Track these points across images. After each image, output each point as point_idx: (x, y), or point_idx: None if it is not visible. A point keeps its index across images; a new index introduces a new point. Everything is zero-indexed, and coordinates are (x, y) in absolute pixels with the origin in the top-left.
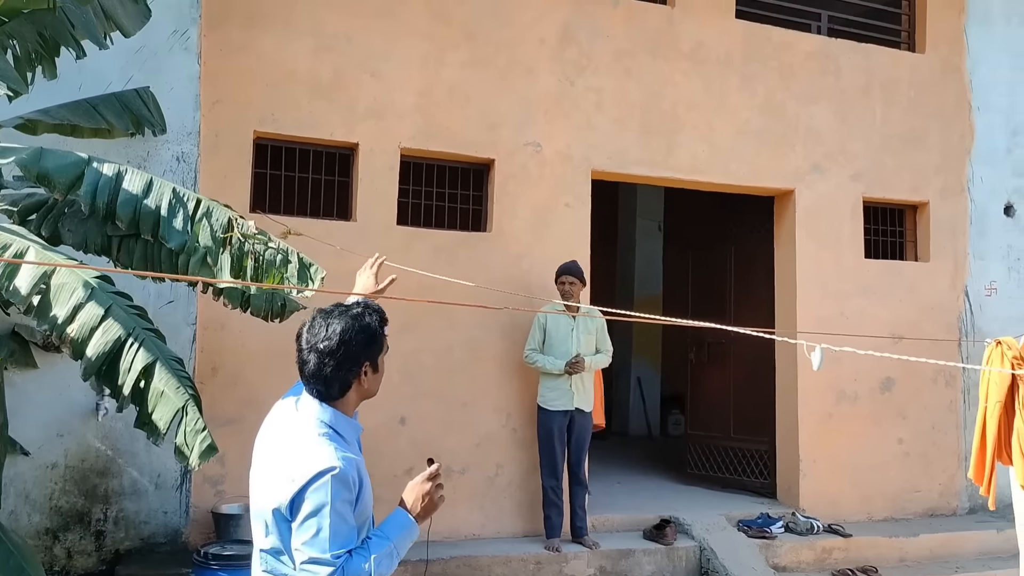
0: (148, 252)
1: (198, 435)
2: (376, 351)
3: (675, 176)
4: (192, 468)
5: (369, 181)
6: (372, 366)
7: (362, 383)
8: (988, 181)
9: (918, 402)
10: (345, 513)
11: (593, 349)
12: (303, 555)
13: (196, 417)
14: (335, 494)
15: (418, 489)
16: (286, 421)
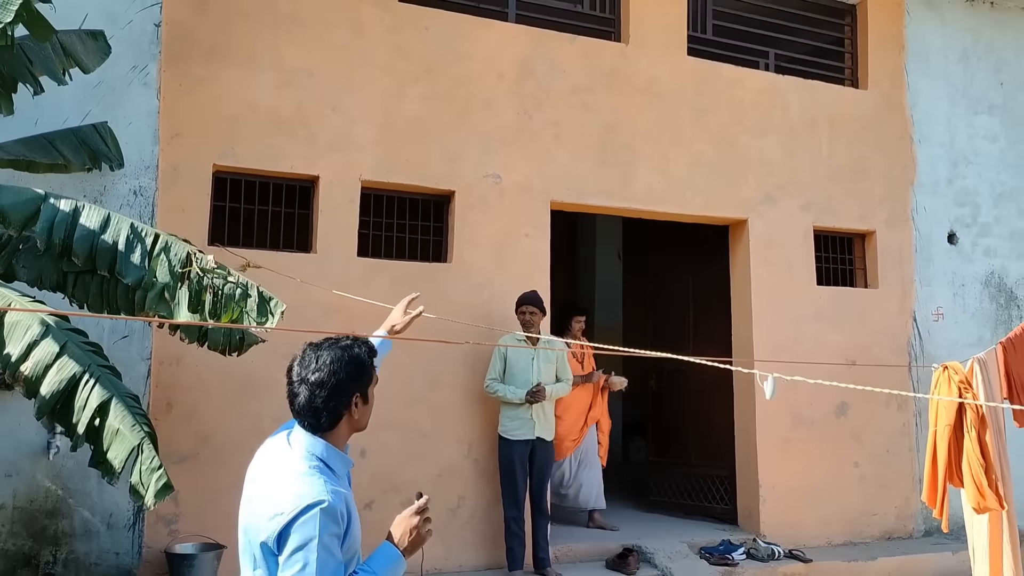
0: (104, 288)
1: (153, 474)
2: (366, 382)
3: (632, 206)
4: (147, 507)
5: (330, 213)
6: (363, 397)
7: (353, 415)
8: (931, 210)
9: (872, 426)
10: (332, 547)
11: (554, 378)
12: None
13: (152, 455)
14: (323, 528)
15: (406, 523)
16: (277, 455)
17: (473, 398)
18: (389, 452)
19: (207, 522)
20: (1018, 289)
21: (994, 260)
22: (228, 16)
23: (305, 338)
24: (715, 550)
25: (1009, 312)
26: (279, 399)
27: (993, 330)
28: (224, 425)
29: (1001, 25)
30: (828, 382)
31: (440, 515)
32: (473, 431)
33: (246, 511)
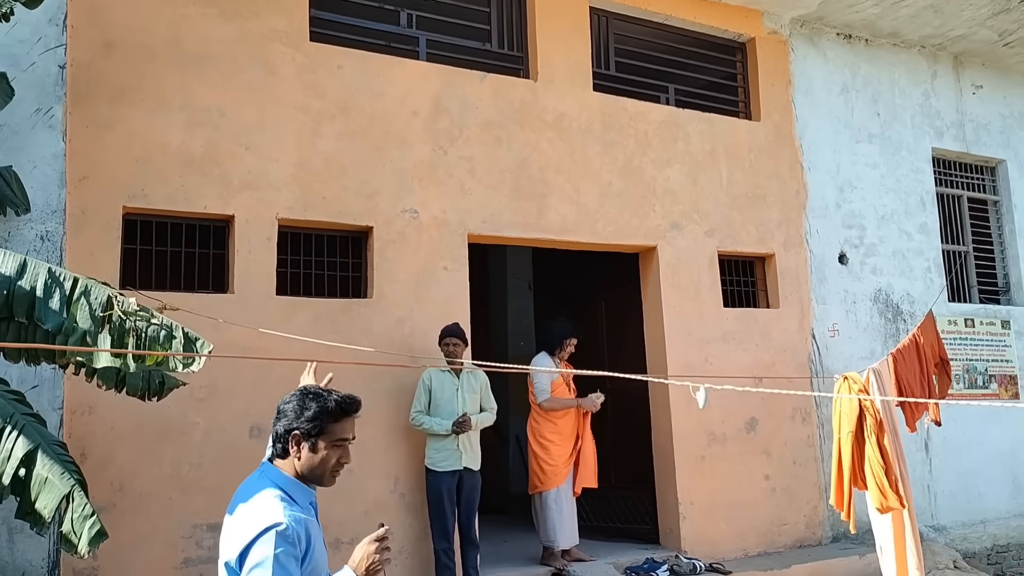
0: (23, 335)
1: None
2: (305, 426)
3: (547, 237)
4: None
5: (247, 253)
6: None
7: (293, 453)
8: (823, 233)
9: (779, 439)
10: (288, 566)
11: (478, 408)
12: None
13: (84, 502)
14: (278, 546)
15: (364, 550)
16: (250, 486)
17: (398, 432)
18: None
19: (128, 574)
20: (903, 304)
21: (881, 278)
22: (135, 57)
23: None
24: (640, 568)
25: (896, 326)
26: (197, 444)
27: (883, 343)
28: (141, 473)
29: (876, 60)
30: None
31: None
32: (399, 465)
33: (222, 537)
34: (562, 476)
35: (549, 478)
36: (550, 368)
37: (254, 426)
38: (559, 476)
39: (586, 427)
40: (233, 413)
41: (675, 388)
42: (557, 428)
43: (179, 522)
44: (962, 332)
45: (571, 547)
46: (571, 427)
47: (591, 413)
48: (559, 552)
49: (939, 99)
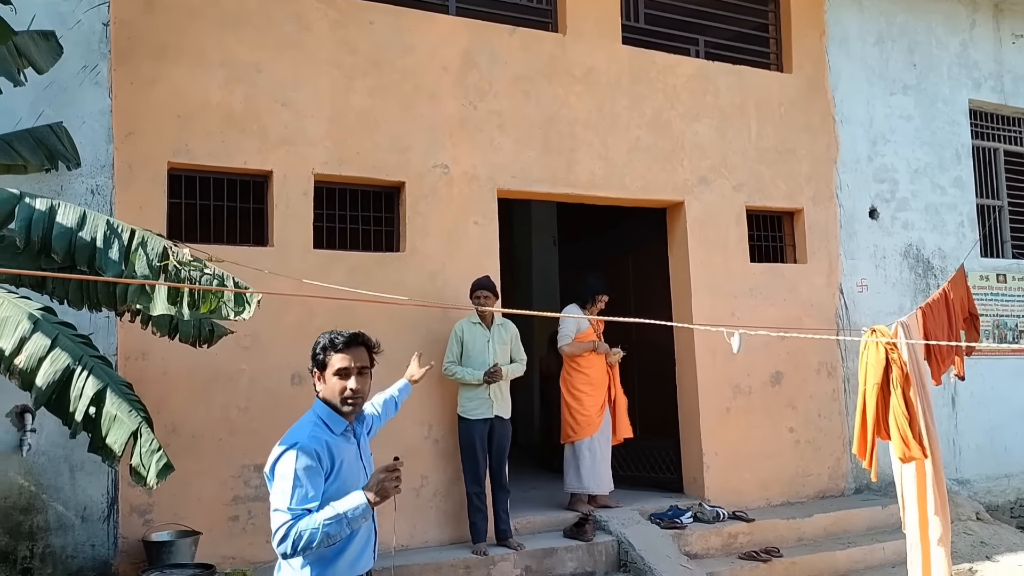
0: (84, 283)
1: (153, 455)
2: (318, 364)
3: (575, 192)
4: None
5: (284, 207)
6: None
7: (316, 387)
8: (853, 187)
9: (805, 393)
10: (304, 479)
11: (508, 359)
12: (271, 506)
13: (151, 438)
14: (297, 462)
15: (376, 477)
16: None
17: (431, 381)
18: None
19: (181, 510)
20: (934, 259)
21: (912, 233)
22: (175, 14)
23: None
24: (664, 515)
25: (927, 281)
26: (244, 389)
27: (912, 298)
28: (192, 416)
29: (913, 8)
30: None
31: (404, 494)
32: (432, 413)
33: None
34: (595, 426)
35: (582, 427)
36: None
37: (295, 374)
38: (592, 426)
39: (616, 379)
40: (276, 361)
41: (700, 342)
42: (589, 379)
43: (228, 462)
44: (993, 288)
45: (603, 493)
46: (602, 378)
47: (618, 366)
48: (586, 498)
49: (977, 49)
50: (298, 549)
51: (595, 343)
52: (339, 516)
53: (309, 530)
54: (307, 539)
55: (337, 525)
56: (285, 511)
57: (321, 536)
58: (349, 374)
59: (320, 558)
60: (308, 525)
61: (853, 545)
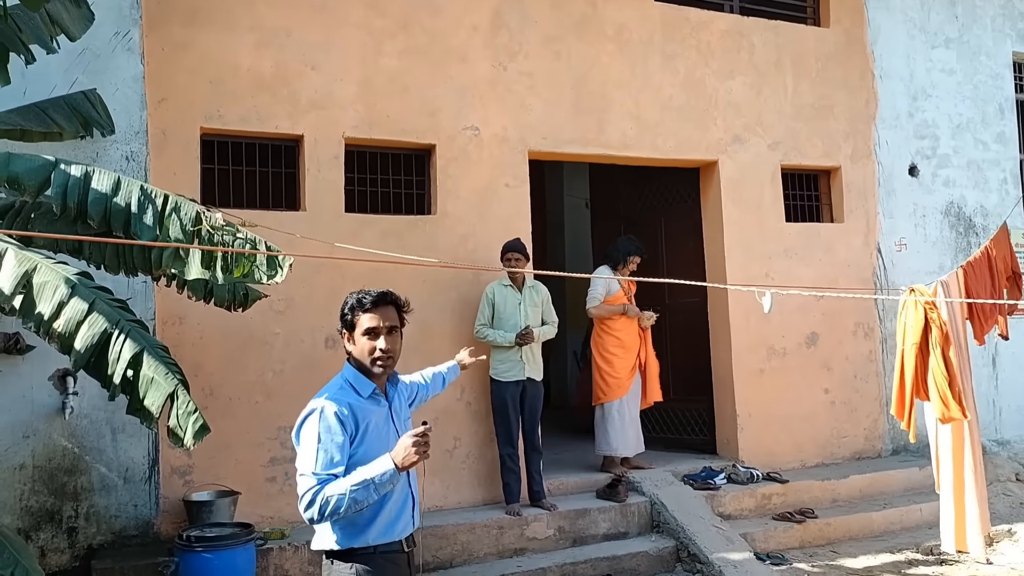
0: (120, 249)
1: (190, 416)
2: (347, 324)
3: (607, 153)
4: (188, 447)
5: (316, 171)
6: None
7: (346, 349)
8: (893, 144)
9: (840, 354)
10: (328, 444)
11: (540, 321)
12: (297, 472)
13: (187, 400)
14: (321, 427)
15: (404, 442)
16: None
17: (463, 344)
18: None
19: (220, 471)
20: (976, 217)
21: (953, 190)
22: None
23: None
24: (698, 476)
25: (968, 240)
26: (279, 353)
27: (953, 257)
28: (229, 379)
29: None
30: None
31: (437, 456)
32: (465, 376)
33: None
34: (625, 387)
35: (612, 389)
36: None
37: (328, 337)
38: (622, 388)
39: (648, 343)
40: (309, 325)
41: (734, 304)
42: (620, 342)
43: (265, 424)
44: None
45: (633, 455)
46: (632, 340)
47: (650, 330)
48: (619, 460)
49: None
50: (324, 515)
51: (625, 306)
52: (366, 482)
53: (336, 496)
54: (334, 505)
55: (364, 491)
56: (311, 475)
57: (348, 502)
58: (378, 333)
59: (351, 523)
60: (335, 491)
61: (889, 506)
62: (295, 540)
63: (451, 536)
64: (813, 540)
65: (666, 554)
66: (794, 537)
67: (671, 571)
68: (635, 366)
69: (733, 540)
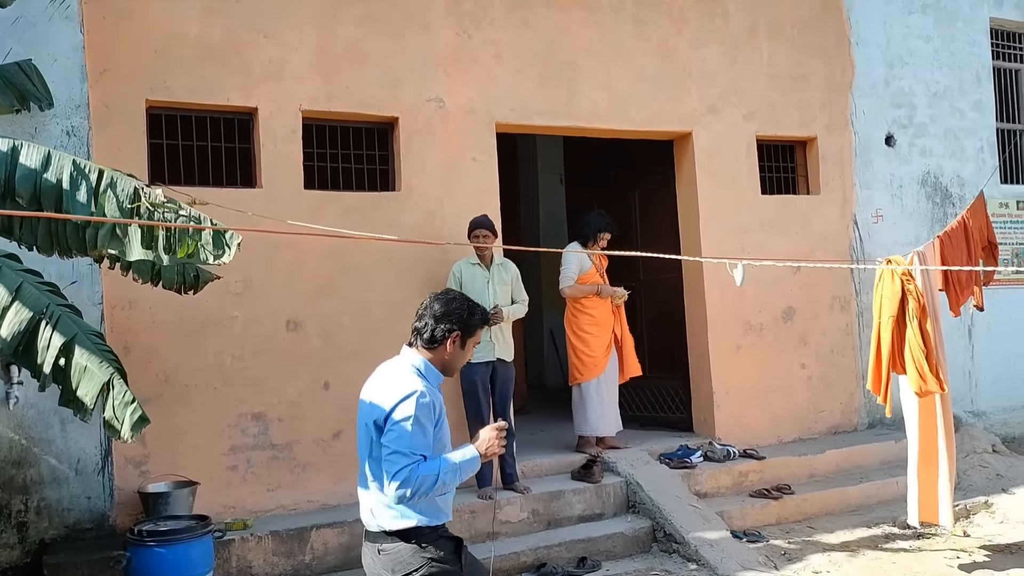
0: (52, 228)
1: (127, 407)
2: (469, 331)
3: (577, 124)
4: (125, 440)
5: (272, 146)
6: (461, 340)
7: (447, 348)
8: (869, 113)
9: (817, 328)
10: (425, 426)
11: (509, 299)
12: (389, 449)
13: (124, 390)
14: (418, 409)
15: (487, 433)
16: (390, 365)
17: None
18: (353, 383)
19: (177, 461)
20: (952, 187)
21: (930, 160)
22: None
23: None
24: (674, 455)
25: (944, 210)
26: (237, 337)
27: (930, 228)
28: (185, 365)
29: None
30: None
31: None
32: None
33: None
34: (601, 366)
35: (588, 369)
36: (580, 258)
37: (290, 319)
38: (598, 366)
39: (622, 319)
40: (269, 307)
41: (710, 279)
42: (594, 320)
43: (225, 411)
44: (1013, 215)
45: (611, 435)
46: (607, 318)
47: (623, 305)
48: (594, 440)
49: None
50: (416, 494)
51: (599, 287)
52: (455, 466)
53: (431, 476)
54: (427, 485)
55: (452, 475)
56: (407, 453)
57: (439, 484)
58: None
59: (431, 503)
60: (430, 472)
61: (866, 480)
62: (258, 531)
63: None
64: (790, 516)
65: (642, 534)
66: (771, 514)
67: (647, 551)
68: (610, 343)
69: (709, 519)
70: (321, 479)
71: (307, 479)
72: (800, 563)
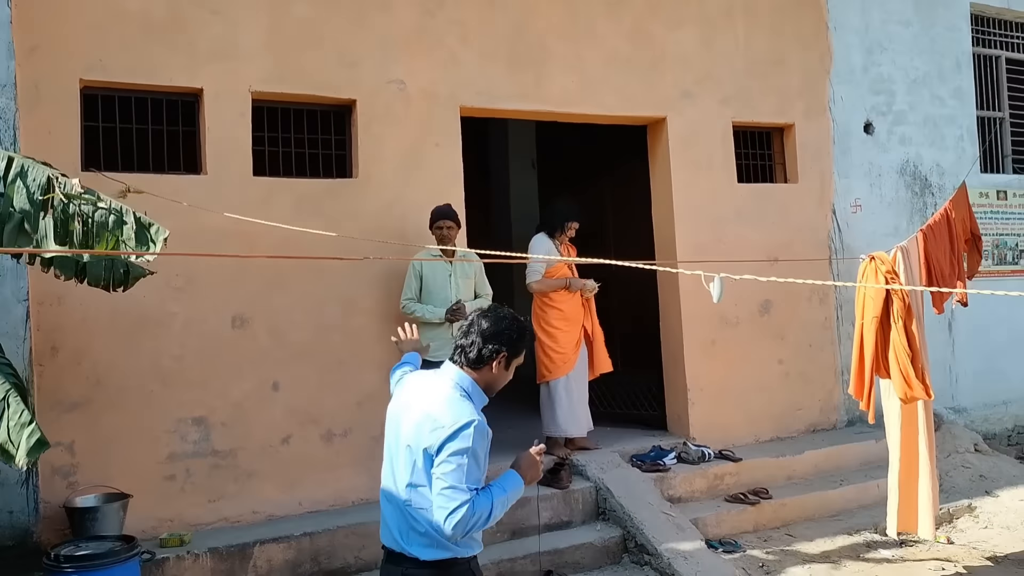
0: None
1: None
2: (515, 351)
3: (546, 109)
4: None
5: (218, 129)
6: (507, 359)
7: (492, 368)
8: (848, 100)
9: (795, 322)
10: (479, 458)
11: (472, 294)
12: (443, 483)
13: (20, 408)
14: (475, 442)
15: (529, 459)
16: (428, 383)
17: (390, 321)
18: (304, 384)
19: (109, 471)
20: (932, 176)
21: (909, 148)
22: None
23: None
24: (646, 457)
25: (924, 200)
26: (177, 335)
27: (909, 219)
28: (119, 366)
29: None
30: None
31: (363, 444)
32: (392, 355)
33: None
34: (571, 363)
35: (557, 366)
36: (548, 250)
37: (236, 316)
38: (568, 363)
39: (592, 313)
40: (213, 302)
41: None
42: (563, 314)
43: (162, 416)
44: (993, 205)
45: (582, 435)
46: (576, 312)
47: (593, 299)
48: (562, 441)
49: None
50: (470, 529)
51: (568, 281)
52: (505, 500)
53: (486, 512)
54: (482, 521)
55: (502, 508)
56: (465, 490)
57: (491, 518)
58: None
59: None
60: (484, 507)
61: (846, 483)
62: (195, 548)
63: (375, 535)
64: (767, 522)
65: (612, 544)
66: (747, 520)
67: (617, 563)
68: (580, 339)
69: (683, 528)
70: (268, 488)
71: (252, 488)
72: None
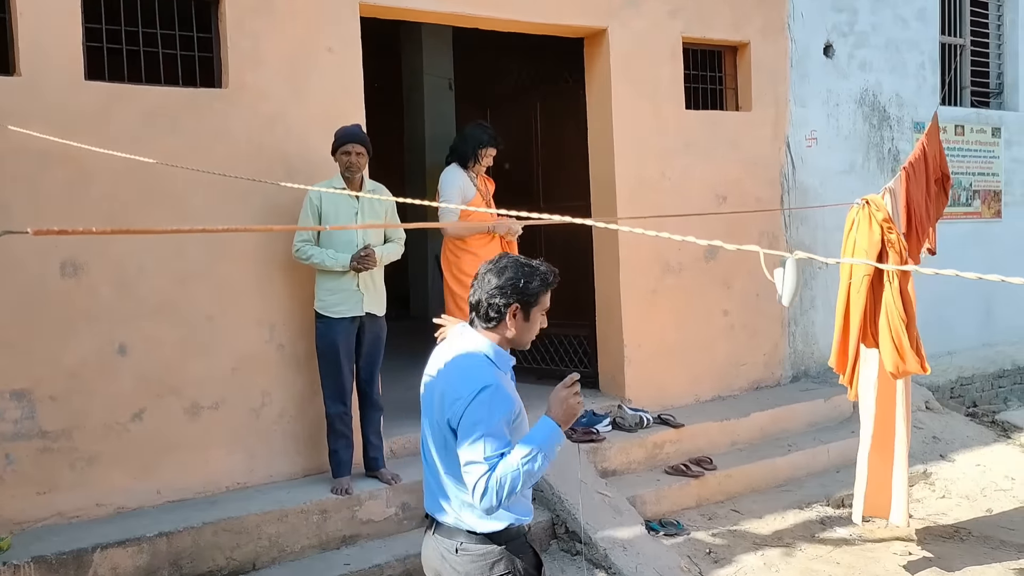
0: None
1: None
2: (526, 301)
3: (465, 12)
4: None
5: (36, 18)
6: (522, 313)
7: (507, 324)
8: (808, 17)
9: (743, 269)
10: (498, 423)
11: (382, 238)
12: (464, 458)
13: None
14: (492, 407)
15: (558, 396)
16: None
17: (274, 267)
18: (159, 346)
19: None
20: (891, 107)
21: (869, 75)
22: None
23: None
24: (577, 424)
25: (881, 133)
26: None
27: (865, 154)
28: None
29: None
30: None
31: (239, 418)
32: (276, 310)
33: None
34: None
35: None
36: (461, 184)
37: (67, 261)
38: None
39: None
40: (36, 244)
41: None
42: (478, 259)
43: None
44: (950, 141)
45: None
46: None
47: (516, 242)
48: None
49: None
50: (503, 498)
51: (491, 226)
52: (533, 451)
53: (509, 475)
54: (510, 485)
55: (533, 461)
56: (481, 462)
57: (523, 477)
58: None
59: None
60: (506, 470)
61: (794, 448)
62: (16, 556)
63: (253, 529)
64: (712, 496)
65: (539, 531)
66: (690, 494)
67: (544, 551)
68: None
69: (621, 510)
70: (116, 475)
71: (95, 476)
72: (729, 567)
